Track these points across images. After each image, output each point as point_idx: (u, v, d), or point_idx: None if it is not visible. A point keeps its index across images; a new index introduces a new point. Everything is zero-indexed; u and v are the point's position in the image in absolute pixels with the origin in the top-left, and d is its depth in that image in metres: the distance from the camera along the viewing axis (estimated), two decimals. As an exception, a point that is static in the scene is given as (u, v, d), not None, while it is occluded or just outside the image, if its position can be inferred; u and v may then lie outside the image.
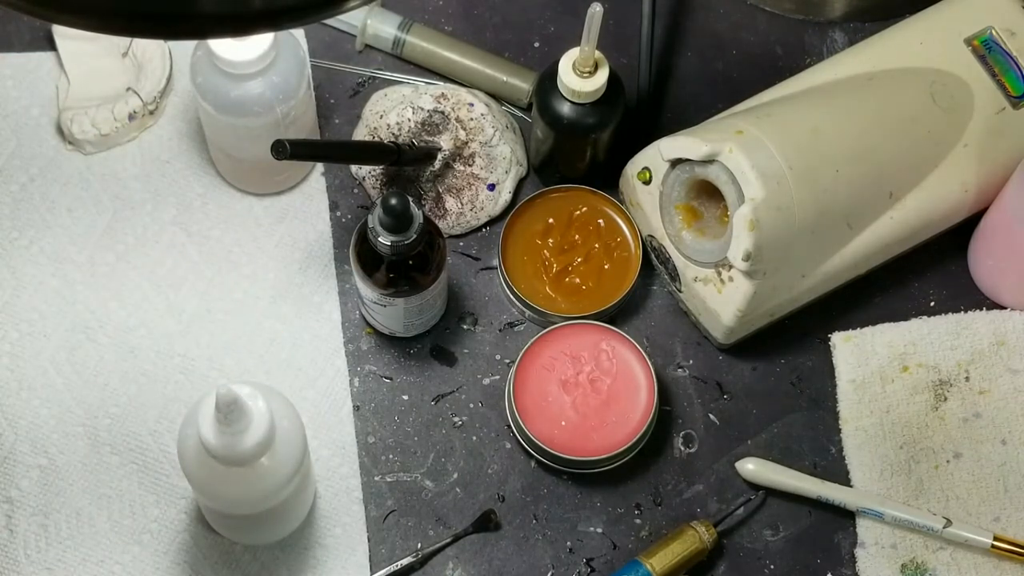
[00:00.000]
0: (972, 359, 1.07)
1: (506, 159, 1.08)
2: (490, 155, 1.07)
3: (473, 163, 1.07)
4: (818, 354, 1.08)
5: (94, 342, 1.05)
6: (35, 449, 1.03)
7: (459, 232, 1.09)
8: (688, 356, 1.08)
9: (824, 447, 1.06)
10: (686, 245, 1.03)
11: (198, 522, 1.02)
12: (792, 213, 0.98)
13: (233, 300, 1.07)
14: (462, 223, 1.08)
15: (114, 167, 1.10)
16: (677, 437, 1.06)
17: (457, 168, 1.07)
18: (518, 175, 1.09)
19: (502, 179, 1.08)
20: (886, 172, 1.02)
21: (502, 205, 1.09)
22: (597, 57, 1.01)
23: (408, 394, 1.06)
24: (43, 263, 1.07)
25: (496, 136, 1.08)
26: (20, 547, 1.01)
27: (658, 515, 1.04)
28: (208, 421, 0.86)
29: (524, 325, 1.08)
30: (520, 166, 1.09)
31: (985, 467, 1.04)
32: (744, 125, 0.99)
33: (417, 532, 1.03)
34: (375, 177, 1.08)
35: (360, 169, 1.08)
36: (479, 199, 1.08)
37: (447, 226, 1.08)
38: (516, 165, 1.09)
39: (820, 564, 1.03)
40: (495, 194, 1.08)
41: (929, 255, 1.09)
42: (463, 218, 1.08)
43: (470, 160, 1.07)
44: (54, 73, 1.11)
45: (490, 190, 1.08)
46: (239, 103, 1.00)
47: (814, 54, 1.15)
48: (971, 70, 1.05)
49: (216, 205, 1.09)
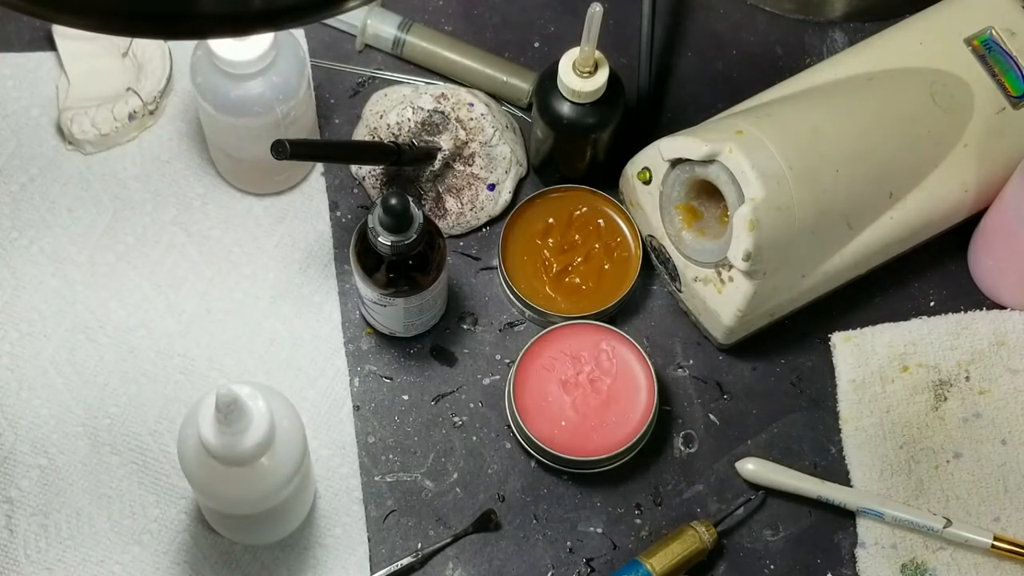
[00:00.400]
0: (972, 359, 1.07)
1: (506, 159, 1.08)
2: (490, 155, 1.07)
3: (473, 163, 1.07)
4: (818, 354, 1.08)
5: (94, 342, 1.05)
6: (35, 449, 1.03)
7: (459, 232, 1.09)
8: (688, 356, 1.08)
9: (824, 447, 1.06)
10: (686, 245, 1.03)
11: (198, 522, 1.02)
12: (792, 213, 0.98)
13: (233, 300, 1.07)
14: (462, 223, 1.08)
15: (114, 167, 1.10)
16: (677, 437, 1.06)
17: (457, 168, 1.07)
18: (518, 175, 1.09)
19: (502, 179, 1.08)
20: (886, 172, 1.02)
21: (502, 205, 1.09)
22: (597, 57, 1.01)
23: (408, 394, 1.06)
24: (43, 263, 1.07)
25: (496, 136, 1.07)
26: (20, 547, 1.01)
27: (658, 515, 1.04)
28: (208, 421, 0.86)
29: (524, 325, 1.08)
30: (520, 166, 1.09)
31: (985, 467, 1.04)
32: (744, 125, 0.99)
33: (417, 532, 1.03)
34: (375, 177, 1.08)
35: (360, 169, 1.08)
36: (479, 199, 1.08)
37: (447, 226, 1.08)
38: (516, 165, 1.09)
39: (820, 564, 1.03)
40: (495, 194, 1.08)
41: (929, 255, 1.09)
42: (463, 218, 1.08)
43: (470, 160, 1.07)
44: (54, 73, 1.11)
45: (490, 190, 1.07)
46: (239, 103, 1.00)
47: (814, 54, 1.15)
48: (971, 70, 1.05)
49: (216, 205, 1.09)
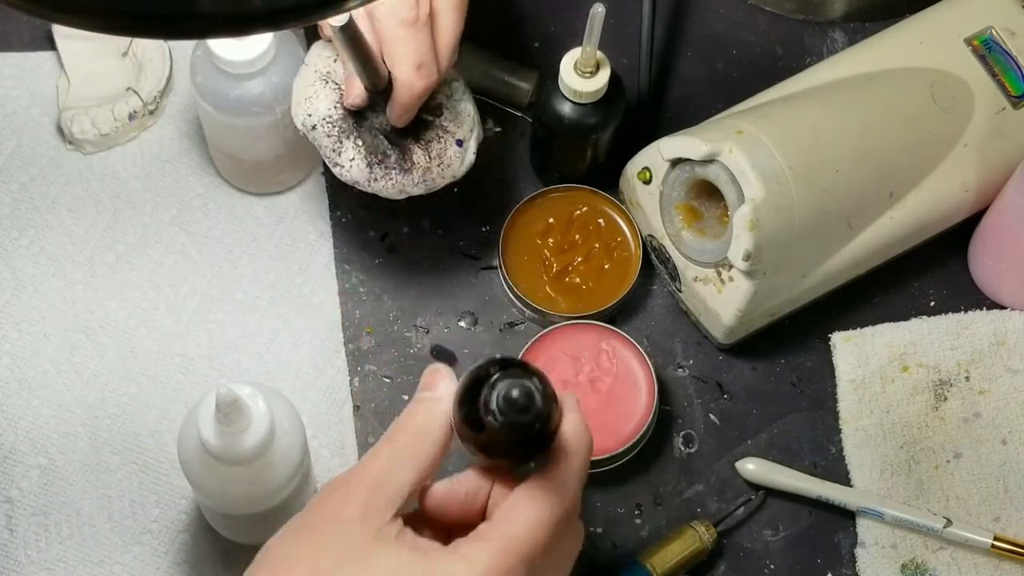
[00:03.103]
0: (972, 359, 1.07)
1: (470, 116, 1.02)
2: (455, 109, 1.01)
3: (441, 114, 1.00)
4: (818, 354, 1.08)
5: (94, 342, 1.05)
6: (35, 449, 1.03)
7: (422, 192, 1.01)
8: (688, 356, 1.08)
9: (824, 447, 1.06)
10: (686, 245, 1.03)
11: (198, 522, 1.02)
12: (792, 213, 0.98)
13: (233, 300, 1.07)
14: (427, 180, 1.00)
15: (114, 167, 1.10)
16: (677, 437, 1.06)
17: (424, 117, 1.01)
18: (479, 138, 1.03)
19: (467, 137, 1.01)
20: (886, 172, 1.02)
21: (467, 166, 1.02)
22: (599, 57, 1.01)
23: (408, 394, 1.05)
24: (43, 263, 1.07)
25: (460, 91, 1.02)
26: (20, 547, 1.01)
27: (658, 515, 1.04)
28: (208, 421, 0.86)
29: (524, 325, 1.08)
30: (479, 129, 1.03)
31: (985, 467, 1.04)
32: (744, 125, 0.99)
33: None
34: (331, 124, 0.99)
35: (312, 116, 0.98)
36: (447, 154, 1.00)
37: (411, 182, 1.00)
38: (478, 125, 1.03)
39: (820, 564, 1.03)
40: (462, 151, 1.01)
41: (929, 255, 1.09)
42: (429, 174, 1.00)
43: (437, 111, 1.00)
44: (54, 73, 1.11)
45: (459, 146, 1.01)
46: (239, 103, 1.00)
47: (814, 54, 1.15)
48: (971, 70, 1.05)
49: (216, 205, 1.09)
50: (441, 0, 0.94)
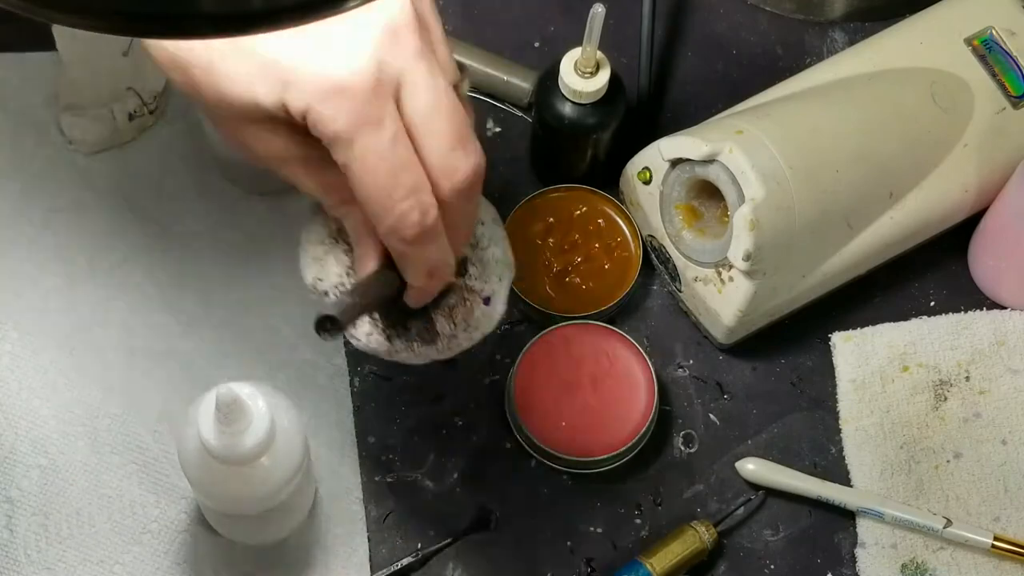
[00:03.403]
0: (972, 359, 1.07)
1: (498, 263, 0.91)
2: (482, 260, 0.91)
3: (466, 271, 0.90)
4: (818, 354, 1.08)
5: (94, 342, 1.05)
6: (35, 449, 1.03)
7: (446, 357, 0.91)
8: (688, 356, 1.08)
9: (824, 447, 1.06)
10: (686, 245, 1.03)
11: (198, 522, 1.02)
12: (792, 213, 0.98)
13: (233, 300, 1.07)
14: (453, 347, 0.90)
15: (114, 167, 1.10)
16: (677, 437, 1.06)
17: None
18: (510, 280, 0.92)
19: (497, 289, 0.91)
20: (886, 172, 1.02)
21: (495, 322, 0.91)
22: (599, 57, 1.01)
23: (408, 394, 1.06)
24: (43, 263, 1.07)
25: (485, 236, 0.91)
26: (20, 547, 1.01)
27: (658, 515, 1.04)
28: (208, 421, 0.86)
29: (524, 325, 1.08)
30: (511, 269, 0.92)
31: (985, 467, 1.04)
32: (744, 125, 0.99)
33: (417, 532, 1.03)
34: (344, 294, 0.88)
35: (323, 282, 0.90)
36: (474, 316, 0.90)
37: (436, 351, 0.90)
38: (507, 268, 0.91)
39: (820, 564, 1.03)
40: (490, 309, 0.90)
41: (929, 255, 1.09)
42: (455, 341, 0.90)
43: (461, 268, 0.89)
44: (54, 73, 1.11)
45: (486, 304, 0.90)
46: (239, 103, 1.00)
47: (814, 54, 1.15)
48: (971, 70, 1.05)
49: (216, 205, 1.09)
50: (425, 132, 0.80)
